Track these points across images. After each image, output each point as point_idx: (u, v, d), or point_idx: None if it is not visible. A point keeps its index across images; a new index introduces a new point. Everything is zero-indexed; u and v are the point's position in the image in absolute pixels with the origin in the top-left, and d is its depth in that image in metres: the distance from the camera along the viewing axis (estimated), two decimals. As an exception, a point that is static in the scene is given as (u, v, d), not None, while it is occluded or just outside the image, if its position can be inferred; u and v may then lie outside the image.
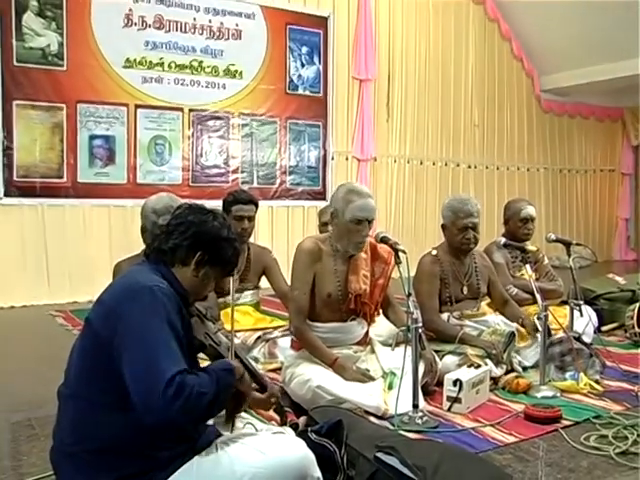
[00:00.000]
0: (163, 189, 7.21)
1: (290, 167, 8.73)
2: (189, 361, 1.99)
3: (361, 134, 9.18)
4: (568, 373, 3.73)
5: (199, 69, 7.97)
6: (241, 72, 8.24)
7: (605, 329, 5.19)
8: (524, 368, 3.90)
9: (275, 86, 8.53)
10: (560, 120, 11.75)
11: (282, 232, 8.53)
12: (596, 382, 3.69)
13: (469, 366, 3.48)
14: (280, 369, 3.78)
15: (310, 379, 3.23)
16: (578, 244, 4.63)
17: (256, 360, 4.06)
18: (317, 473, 2.01)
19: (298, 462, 1.95)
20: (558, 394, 3.55)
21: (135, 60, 7.56)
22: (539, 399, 3.46)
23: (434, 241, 4.50)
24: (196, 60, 7.94)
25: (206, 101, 8.06)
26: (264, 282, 4.67)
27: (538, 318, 3.70)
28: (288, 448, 1.96)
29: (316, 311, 3.48)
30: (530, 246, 4.39)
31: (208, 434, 2.05)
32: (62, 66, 7.14)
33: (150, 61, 7.65)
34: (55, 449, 2.05)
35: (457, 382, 3.25)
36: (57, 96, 7.13)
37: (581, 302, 4.21)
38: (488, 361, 3.69)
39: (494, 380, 3.67)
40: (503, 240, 4.43)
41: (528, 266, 3.92)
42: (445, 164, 10.23)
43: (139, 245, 3.43)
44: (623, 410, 3.30)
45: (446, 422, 3.14)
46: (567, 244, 4.36)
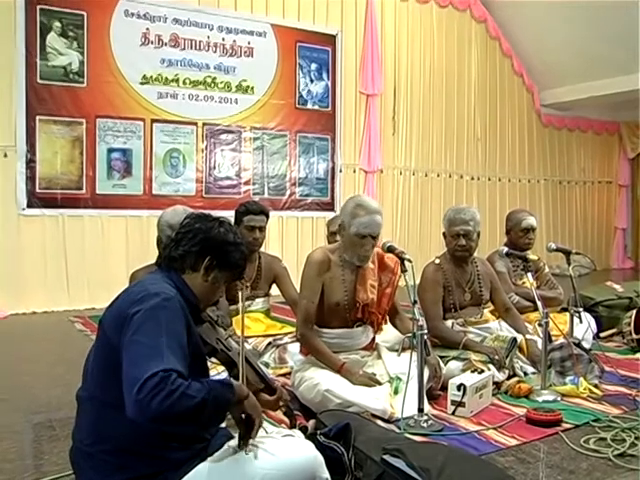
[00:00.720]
0: (178, 200, 7.25)
1: (300, 179, 8.74)
2: (196, 369, 1.98)
3: (368, 147, 9.19)
4: (568, 378, 3.70)
5: (212, 85, 8.01)
6: (253, 88, 8.28)
7: (603, 335, 5.16)
8: (525, 373, 3.88)
9: (285, 101, 8.56)
10: (559, 134, 11.75)
11: (292, 241, 8.54)
12: (595, 386, 3.67)
13: (472, 371, 3.47)
14: (290, 374, 3.76)
15: (319, 383, 3.22)
16: (577, 253, 4.61)
17: (267, 365, 4.06)
18: (326, 474, 2.00)
19: (307, 464, 1.95)
20: (559, 398, 3.52)
21: (151, 77, 7.61)
22: (540, 403, 3.44)
23: (438, 250, 4.49)
24: (210, 76, 7.98)
25: (219, 115, 8.08)
26: (274, 290, 4.66)
27: (539, 325, 3.68)
28: (298, 450, 1.95)
29: (324, 318, 3.47)
30: (531, 255, 4.37)
31: (220, 437, 2.05)
32: (82, 83, 7.19)
33: (166, 77, 7.69)
34: (74, 449, 2.05)
35: (461, 387, 3.23)
36: (77, 111, 7.18)
37: (580, 309, 4.18)
38: (491, 366, 3.67)
39: (497, 385, 3.65)
40: (505, 249, 4.41)
41: (529, 274, 3.90)
42: (449, 176, 10.23)
43: (154, 254, 3.43)
44: (621, 413, 3.28)
45: (450, 425, 3.12)
46: (567, 253, 4.34)
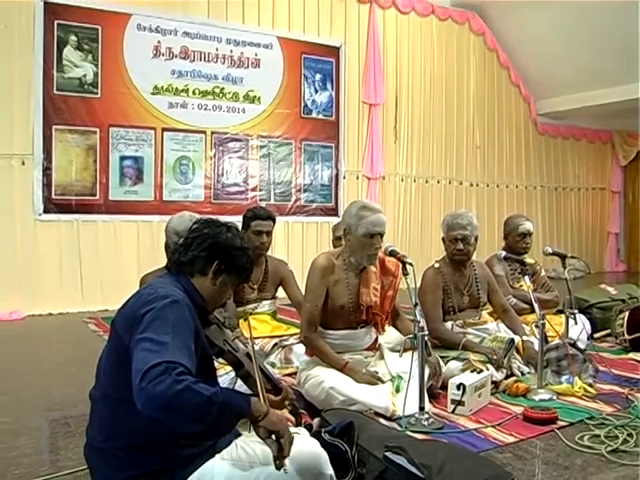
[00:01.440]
0: (187, 206, 7.30)
1: (305, 185, 8.75)
2: (204, 371, 1.98)
3: (371, 154, 9.20)
4: (564, 377, 3.70)
5: (221, 95, 8.02)
6: (259, 97, 8.29)
7: (597, 336, 5.15)
8: (522, 373, 3.87)
9: (291, 110, 8.57)
10: (555, 142, 11.73)
11: (297, 245, 8.54)
12: (589, 385, 3.66)
13: (472, 371, 3.47)
14: (295, 374, 3.77)
15: (324, 381, 3.22)
16: (573, 257, 4.61)
17: (273, 365, 4.05)
18: (330, 471, 2.00)
19: (312, 460, 1.94)
20: (554, 397, 3.52)
21: (162, 87, 7.63)
22: (537, 402, 3.43)
23: (438, 254, 4.49)
24: (218, 87, 8.00)
25: (227, 124, 8.10)
26: (281, 292, 4.66)
27: (536, 326, 3.68)
28: (303, 447, 1.94)
29: (329, 320, 3.47)
30: (528, 259, 4.36)
31: (229, 434, 2.04)
32: (96, 94, 7.22)
33: (176, 88, 7.71)
34: (88, 445, 2.06)
35: (460, 386, 3.23)
36: (91, 121, 7.21)
37: (576, 311, 4.18)
38: (489, 366, 3.67)
39: (495, 384, 3.65)
40: (503, 253, 4.41)
41: (527, 278, 3.90)
42: (449, 182, 10.22)
43: (164, 258, 3.42)
44: (614, 411, 3.28)
45: (450, 423, 3.11)
46: (562, 257, 4.34)
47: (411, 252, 8.75)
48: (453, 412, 3.24)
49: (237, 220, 4.06)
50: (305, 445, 1.97)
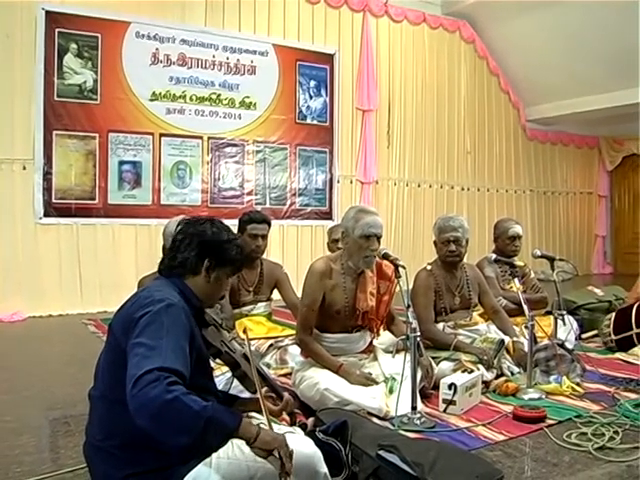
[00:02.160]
0: (184, 210, 7.30)
1: (299, 189, 8.74)
2: (200, 372, 1.98)
3: (364, 159, 9.20)
4: (552, 377, 3.70)
5: (217, 101, 8.02)
6: (255, 104, 8.29)
7: (585, 337, 5.16)
8: (512, 372, 3.87)
9: (286, 116, 8.57)
10: (543, 147, 11.77)
11: (292, 249, 8.54)
12: (577, 385, 3.67)
13: (463, 371, 3.47)
14: (290, 374, 3.75)
15: (318, 382, 3.21)
16: (561, 259, 4.62)
17: (268, 366, 4.04)
18: (324, 469, 1.99)
19: (307, 459, 1.94)
20: (543, 396, 3.52)
21: (160, 94, 7.62)
22: (526, 401, 3.43)
23: (431, 256, 4.49)
24: (215, 93, 8.00)
25: (223, 130, 8.10)
26: (276, 295, 4.65)
27: (525, 327, 3.69)
28: (297, 446, 1.94)
29: (325, 323, 3.46)
30: (518, 261, 4.38)
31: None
32: (96, 100, 7.22)
33: (174, 94, 7.71)
34: (87, 444, 2.06)
35: (452, 386, 3.23)
36: (91, 126, 7.20)
37: (564, 312, 4.18)
38: (480, 366, 3.67)
39: (485, 384, 3.65)
40: (493, 256, 4.42)
41: (516, 280, 3.90)
42: (440, 187, 10.23)
43: (162, 261, 3.42)
44: (601, 410, 3.28)
45: (442, 422, 3.11)
46: (551, 259, 4.35)
47: (404, 255, 8.74)
48: (445, 411, 3.24)
49: (233, 224, 4.06)
50: (300, 444, 1.97)
